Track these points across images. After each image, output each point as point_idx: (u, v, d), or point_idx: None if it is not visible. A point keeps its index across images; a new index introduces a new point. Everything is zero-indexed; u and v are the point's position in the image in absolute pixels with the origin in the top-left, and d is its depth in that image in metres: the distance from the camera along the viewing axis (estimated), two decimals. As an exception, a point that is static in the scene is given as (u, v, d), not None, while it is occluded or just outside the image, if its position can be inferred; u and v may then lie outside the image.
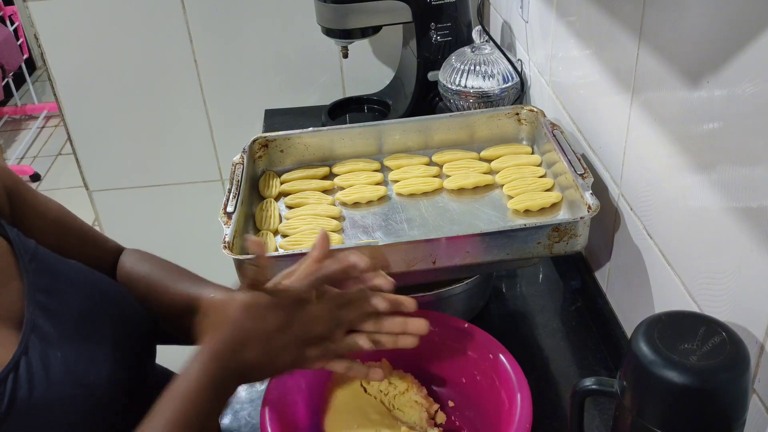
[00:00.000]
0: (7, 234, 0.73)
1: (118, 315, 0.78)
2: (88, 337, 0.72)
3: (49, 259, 0.75)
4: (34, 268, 0.72)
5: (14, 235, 0.74)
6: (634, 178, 0.90)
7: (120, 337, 0.76)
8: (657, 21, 0.79)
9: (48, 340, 0.69)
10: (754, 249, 0.64)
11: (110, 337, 0.74)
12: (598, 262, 1.07)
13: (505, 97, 1.30)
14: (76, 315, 0.73)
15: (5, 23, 3.89)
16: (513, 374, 0.81)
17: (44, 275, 0.73)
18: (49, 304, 0.71)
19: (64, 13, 1.70)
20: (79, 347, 0.71)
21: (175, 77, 1.79)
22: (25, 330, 0.68)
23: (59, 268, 0.76)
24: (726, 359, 0.59)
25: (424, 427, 0.85)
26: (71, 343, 0.70)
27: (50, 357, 0.68)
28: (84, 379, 0.69)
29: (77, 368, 0.69)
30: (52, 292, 0.72)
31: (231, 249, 0.89)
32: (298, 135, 1.14)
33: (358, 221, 1.03)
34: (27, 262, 0.72)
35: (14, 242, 0.73)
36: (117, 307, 0.79)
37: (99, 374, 0.71)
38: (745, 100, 0.63)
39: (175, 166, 1.92)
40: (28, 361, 0.66)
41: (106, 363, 0.72)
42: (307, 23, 1.65)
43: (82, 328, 0.72)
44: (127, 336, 0.77)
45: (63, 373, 0.68)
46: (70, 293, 0.74)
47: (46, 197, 0.87)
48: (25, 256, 0.72)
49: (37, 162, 3.76)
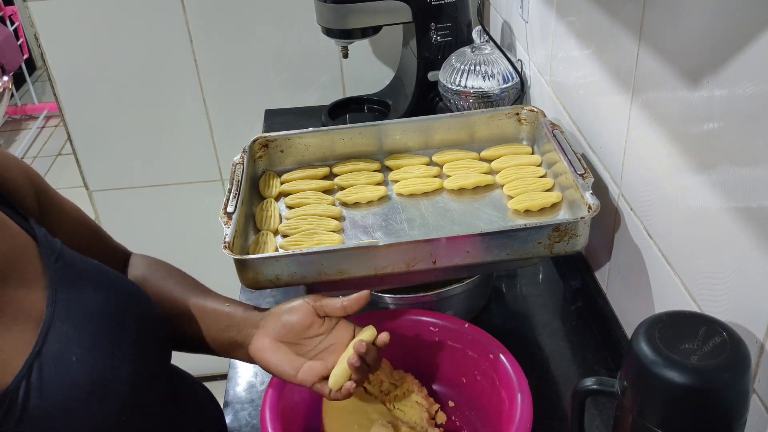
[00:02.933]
0: (35, 234, 0.74)
1: (139, 315, 0.78)
2: (109, 336, 0.73)
3: (73, 258, 0.76)
4: (59, 267, 0.73)
5: (42, 235, 0.74)
6: (634, 178, 0.91)
7: (140, 337, 0.76)
8: (657, 21, 0.79)
9: (67, 340, 0.69)
10: (754, 249, 0.64)
11: (131, 336, 0.75)
12: (598, 262, 1.07)
13: (505, 97, 1.30)
14: (98, 314, 0.73)
15: (5, 23, 3.88)
16: (513, 374, 0.81)
17: (68, 275, 0.73)
18: (71, 304, 0.71)
19: (64, 13, 1.70)
20: (99, 347, 0.71)
21: (175, 77, 1.79)
22: (41, 332, 0.68)
23: (83, 268, 0.76)
24: (726, 359, 0.59)
25: (425, 427, 0.85)
26: (91, 342, 0.71)
27: (67, 358, 0.68)
28: (103, 378, 0.70)
29: (96, 368, 0.70)
30: (74, 291, 0.72)
31: (231, 249, 0.89)
32: (298, 135, 1.14)
33: (358, 221, 1.03)
34: (52, 262, 0.72)
35: (41, 242, 0.73)
36: (138, 307, 0.79)
37: (118, 373, 0.71)
38: (745, 100, 0.63)
39: (175, 166, 1.92)
40: (41, 365, 0.66)
41: (126, 362, 0.72)
42: (307, 23, 1.65)
43: (104, 327, 0.73)
44: (146, 335, 0.78)
45: (81, 374, 0.68)
46: (93, 293, 0.74)
47: (66, 198, 0.88)
48: (51, 256, 0.73)
49: (37, 162, 3.76)
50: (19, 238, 0.71)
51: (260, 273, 0.88)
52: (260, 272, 0.88)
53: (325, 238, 0.96)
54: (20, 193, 0.77)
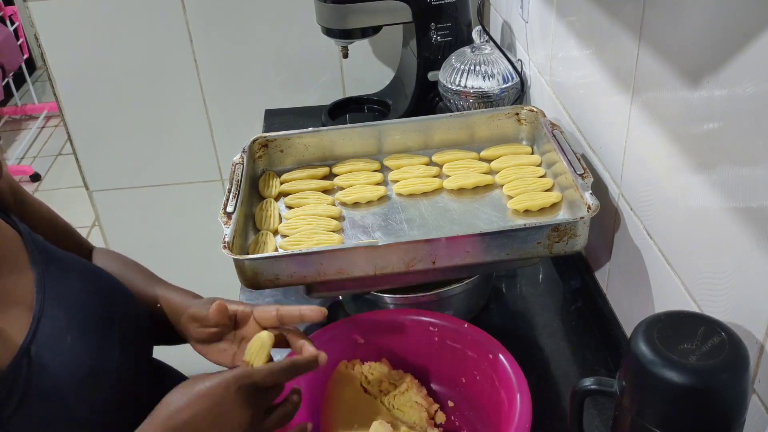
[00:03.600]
0: (18, 227, 0.77)
1: (124, 306, 0.81)
2: (98, 326, 0.75)
3: (56, 252, 0.78)
4: (44, 258, 0.75)
5: (24, 228, 0.77)
6: (634, 178, 0.90)
7: (126, 327, 0.78)
8: (657, 21, 0.79)
9: (59, 324, 0.71)
10: (754, 249, 0.64)
11: (118, 327, 0.77)
12: (598, 262, 1.07)
13: (505, 97, 1.30)
14: (87, 305, 0.75)
15: (5, 23, 3.88)
16: (513, 374, 0.81)
17: (54, 267, 0.75)
18: (60, 293, 0.73)
19: (64, 13, 1.70)
20: (89, 332, 0.73)
21: (175, 77, 1.79)
22: (34, 317, 0.70)
23: (67, 261, 0.79)
24: (725, 359, 0.59)
25: (424, 427, 0.85)
26: (81, 330, 0.72)
27: (61, 344, 0.70)
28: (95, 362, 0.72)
29: (89, 352, 0.72)
30: (61, 279, 0.75)
31: (231, 249, 0.89)
32: (298, 135, 1.14)
33: (358, 221, 1.03)
34: (37, 253, 0.75)
35: (24, 235, 0.76)
36: (122, 298, 0.81)
37: (109, 359, 0.73)
38: (745, 100, 0.63)
39: (175, 166, 1.92)
40: (38, 347, 0.68)
41: (115, 351, 0.74)
42: (307, 23, 1.65)
43: (92, 317, 0.75)
44: (132, 326, 0.80)
45: (76, 356, 0.70)
46: (78, 282, 0.77)
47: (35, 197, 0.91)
48: (35, 248, 0.75)
49: (37, 162, 3.76)
50: (5, 231, 0.74)
51: (260, 273, 0.88)
52: (260, 272, 0.88)
53: (324, 238, 0.96)
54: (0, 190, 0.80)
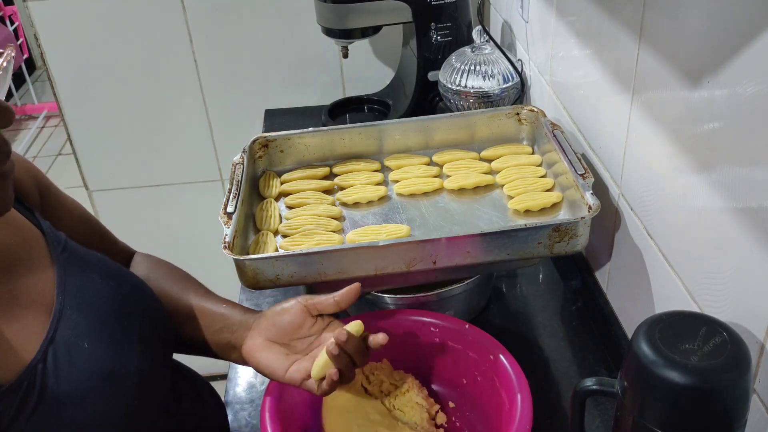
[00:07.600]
0: (41, 225, 0.75)
1: (145, 308, 0.79)
2: (118, 327, 0.73)
3: (78, 251, 0.77)
4: (66, 258, 0.74)
5: (47, 227, 0.76)
6: (635, 178, 0.90)
7: (146, 329, 0.77)
8: (657, 21, 0.79)
9: (76, 330, 0.70)
10: (754, 249, 0.64)
11: (138, 328, 0.76)
12: (599, 262, 1.07)
13: (505, 97, 1.30)
14: (107, 305, 0.74)
15: (5, 23, 3.88)
16: (513, 375, 0.81)
17: (75, 266, 0.74)
18: (80, 294, 0.72)
19: (64, 13, 1.70)
20: (108, 337, 0.72)
21: (175, 77, 1.79)
22: (53, 320, 0.69)
23: (88, 259, 0.77)
24: (727, 359, 0.59)
25: (425, 427, 0.85)
26: (100, 333, 0.71)
27: (77, 348, 0.69)
28: (113, 366, 0.70)
29: (107, 356, 0.70)
30: (83, 282, 0.74)
31: (231, 249, 0.89)
32: (298, 135, 1.14)
33: (358, 221, 1.03)
34: (59, 252, 0.74)
35: (47, 233, 0.75)
36: (144, 300, 0.80)
37: (127, 363, 0.72)
38: (745, 100, 0.63)
39: (175, 166, 1.92)
40: (54, 351, 0.67)
41: (134, 353, 0.73)
42: (307, 23, 1.65)
43: (112, 316, 0.74)
44: (152, 328, 0.78)
45: (90, 364, 0.69)
46: (100, 282, 0.75)
47: (69, 195, 0.89)
48: (57, 247, 0.74)
49: (37, 162, 3.76)
50: (26, 230, 0.73)
51: (260, 273, 0.88)
52: (260, 272, 0.88)
53: (325, 238, 0.96)
54: (24, 187, 0.79)
